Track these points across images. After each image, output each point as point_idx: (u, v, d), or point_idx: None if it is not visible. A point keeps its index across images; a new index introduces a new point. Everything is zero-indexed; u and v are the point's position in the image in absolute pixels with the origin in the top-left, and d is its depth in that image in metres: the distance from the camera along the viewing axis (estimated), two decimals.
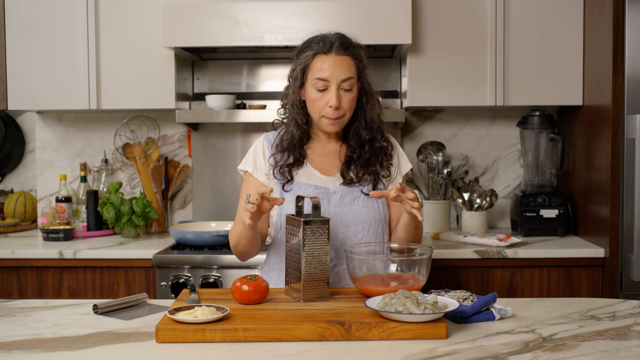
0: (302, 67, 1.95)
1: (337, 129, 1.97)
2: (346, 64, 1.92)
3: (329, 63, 1.91)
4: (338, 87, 1.91)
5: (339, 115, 1.93)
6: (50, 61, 3.08)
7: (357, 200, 1.97)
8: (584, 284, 2.77)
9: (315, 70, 1.92)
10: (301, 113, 1.99)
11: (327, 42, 1.92)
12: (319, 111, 1.93)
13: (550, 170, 3.22)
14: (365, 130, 2.00)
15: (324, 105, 1.92)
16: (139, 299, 1.84)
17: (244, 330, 1.48)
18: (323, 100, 1.91)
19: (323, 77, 1.91)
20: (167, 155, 3.43)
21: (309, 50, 1.94)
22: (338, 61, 1.91)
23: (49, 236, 3.01)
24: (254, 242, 1.94)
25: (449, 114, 3.38)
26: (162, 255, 2.77)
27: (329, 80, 1.90)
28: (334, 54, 1.92)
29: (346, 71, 1.91)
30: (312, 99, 1.94)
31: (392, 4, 2.85)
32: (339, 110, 1.92)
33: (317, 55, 1.92)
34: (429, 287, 2.34)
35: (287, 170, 1.98)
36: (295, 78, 1.97)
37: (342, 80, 1.91)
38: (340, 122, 1.95)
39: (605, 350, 1.42)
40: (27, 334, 1.56)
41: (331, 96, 1.90)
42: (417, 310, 1.49)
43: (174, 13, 2.90)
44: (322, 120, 1.95)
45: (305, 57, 1.94)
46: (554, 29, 2.99)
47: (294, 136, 2.00)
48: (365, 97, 2.00)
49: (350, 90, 1.93)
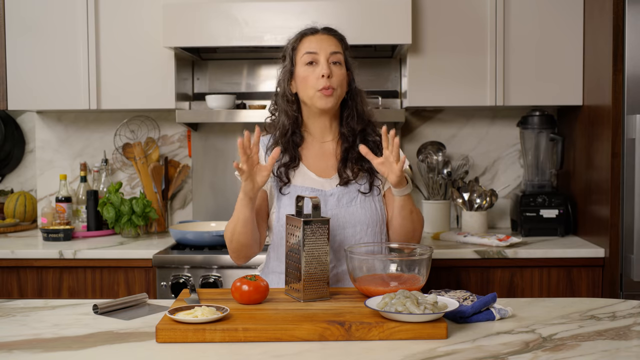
0: (291, 50, 2.01)
1: (331, 103, 1.96)
2: (333, 41, 2.00)
3: (317, 39, 1.99)
4: (327, 59, 1.96)
5: (331, 85, 1.94)
6: (50, 61, 3.08)
7: (355, 202, 1.97)
8: (584, 284, 2.77)
9: (303, 48, 1.99)
10: (291, 101, 2.02)
11: (314, 27, 2.03)
12: (312, 86, 1.95)
13: (550, 170, 3.22)
14: (357, 119, 2.02)
15: (315, 80, 1.95)
16: (139, 299, 1.84)
17: (244, 330, 1.48)
18: (314, 74, 1.95)
19: (311, 50, 1.97)
20: (167, 155, 3.43)
21: (296, 35, 2.03)
22: (325, 38, 2.00)
23: (49, 236, 3.01)
24: (249, 235, 1.90)
25: (449, 114, 3.38)
26: (162, 255, 2.77)
27: (318, 53, 1.96)
28: (321, 33, 2.01)
29: (334, 46, 1.99)
30: (303, 77, 1.97)
31: (392, 4, 2.85)
32: (331, 80, 1.94)
33: (305, 36, 2.01)
34: (429, 287, 2.34)
35: (283, 172, 1.98)
36: (285, 67, 2.02)
37: (331, 53, 1.96)
38: (334, 96, 1.96)
39: (605, 350, 1.42)
40: (27, 334, 1.56)
41: (322, 66, 1.95)
42: (417, 310, 1.49)
43: (174, 13, 2.90)
44: (316, 96, 1.96)
45: (294, 40, 2.03)
46: (554, 29, 2.99)
47: (285, 127, 2.01)
48: (354, 87, 2.04)
49: (339, 65, 1.98)
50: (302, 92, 1.99)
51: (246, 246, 1.94)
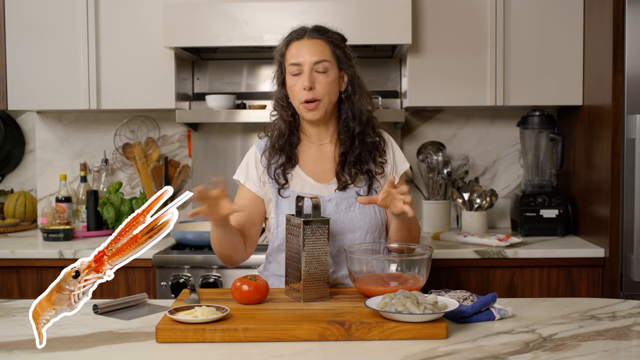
0: (279, 57, 1.97)
1: (316, 116, 1.93)
2: (319, 47, 1.92)
3: (301, 47, 1.92)
4: (311, 69, 1.90)
5: (314, 97, 1.90)
6: (50, 61, 3.08)
7: (353, 207, 1.94)
8: (584, 284, 2.77)
9: (289, 57, 1.94)
10: (285, 107, 1.99)
11: (301, 30, 1.96)
12: (297, 97, 1.92)
13: (550, 170, 3.22)
14: (354, 122, 1.96)
15: (299, 90, 1.91)
16: (139, 299, 1.84)
17: (244, 330, 1.48)
18: (298, 84, 1.91)
19: (296, 61, 1.92)
20: (167, 155, 3.43)
21: (283, 40, 1.97)
22: (310, 44, 1.92)
23: (49, 236, 3.01)
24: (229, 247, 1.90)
25: (449, 114, 3.38)
26: (162, 255, 2.77)
27: (301, 64, 1.91)
28: (307, 38, 1.94)
29: (319, 54, 1.91)
30: (290, 87, 1.94)
31: (392, 4, 2.85)
32: (314, 93, 1.89)
33: (291, 42, 1.95)
34: (429, 287, 2.33)
35: (280, 173, 1.96)
36: (277, 72, 1.98)
37: (315, 62, 1.90)
38: (318, 108, 1.91)
39: (605, 350, 1.41)
40: (27, 334, 1.55)
41: (304, 78, 1.89)
42: (417, 310, 1.49)
43: (174, 13, 2.90)
44: (301, 108, 1.93)
45: (281, 46, 1.97)
46: (554, 29, 2.99)
47: (282, 130, 1.99)
48: (351, 87, 1.98)
49: (325, 73, 1.91)
50: (292, 100, 1.96)
51: (227, 255, 1.96)
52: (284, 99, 1.99)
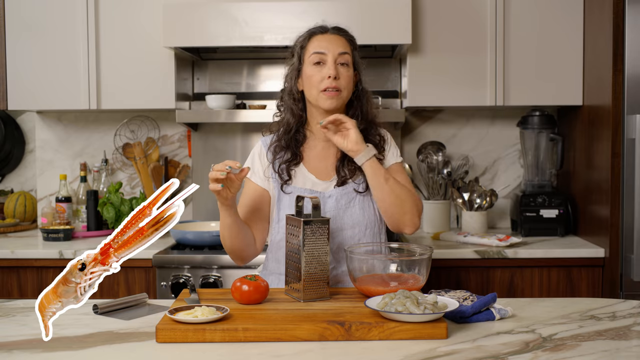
0: (299, 48, 1.99)
1: (334, 104, 1.94)
2: (342, 41, 1.98)
3: (326, 39, 1.97)
4: (335, 60, 1.94)
5: (337, 86, 1.93)
6: (50, 61, 3.08)
7: (353, 203, 1.97)
8: (584, 284, 2.77)
9: (312, 48, 1.97)
10: (297, 100, 2.01)
11: (324, 26, 2.01)
12: (317, 86, 1.94)
13: (550, 170, 3.22)
14: (361, 119, 2.00)
15: (321, 79, 1.93)
16: (138, 299, 1.84)
17: (244, 330, 1.48)
18: (320, 74, 1.93)
19: (320, 50, 1.95)
20: (167, 155, 3.44)
21: (305, 33, 2.01)
22: (334, 38, 1.98)
23: (49, 236, 3.01)
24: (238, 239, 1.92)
25: (449, 114, 3.38)
26: (162, 255, 2.77)
27: (326, 53, 1.94)
28: (330, 33, 1.99)
29: (342, 46, 1.96)
30: (309, 76, 1.95)
31: (392, 4, 2.85)
32: (338, 82, 1.93)
33: (314, 35, 1.99)
34: (429, 287, 2.34)
35: (285, 169, 1.98)
36: (292, 64, 2.00)
37: (339, 53, 1.94)
38: (338, 97, 1.94)
39: (605, 350, 1.41)
40: (27, 334, 1.56)
41: (329, 67, 1.93)
42: (417, 310, 1.49)
43: (174, 13, 2.90)
44: (321, 96, 1.94)
45: (302, 38, 2.00)
46: (554, 29, 2.99)
47: (289, 125, 2.01)
48: (360, 87, 2.03)
49: (347, 66, 1.95)
50: (308, 91, 1.98)
51: (238, 249, 1.96)
52: (297, 91, 2.01)
